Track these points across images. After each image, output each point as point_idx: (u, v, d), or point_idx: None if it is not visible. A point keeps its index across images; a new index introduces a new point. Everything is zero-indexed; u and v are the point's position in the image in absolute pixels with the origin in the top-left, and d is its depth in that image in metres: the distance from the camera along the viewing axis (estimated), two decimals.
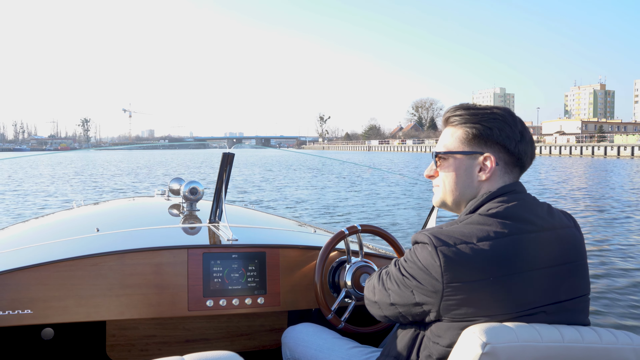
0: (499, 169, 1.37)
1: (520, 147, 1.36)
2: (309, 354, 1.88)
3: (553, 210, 1.37)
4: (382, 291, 1.43)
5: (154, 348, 2.53)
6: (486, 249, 1.22)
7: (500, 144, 1.36)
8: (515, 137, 1.36)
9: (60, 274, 1.95)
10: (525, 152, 1.38)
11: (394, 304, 1.38)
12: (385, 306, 1.42)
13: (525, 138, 1.37)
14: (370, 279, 1.56)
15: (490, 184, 1.37)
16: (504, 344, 1.11)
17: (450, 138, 1.42)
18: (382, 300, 1.43)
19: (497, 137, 1.35)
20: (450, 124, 1.44)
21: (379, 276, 1.48)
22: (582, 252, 1.36)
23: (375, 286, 1.48)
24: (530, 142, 1.39)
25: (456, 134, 1.41)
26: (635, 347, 1.20)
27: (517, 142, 1.36)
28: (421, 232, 1.32)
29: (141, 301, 2.04)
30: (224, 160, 2.40)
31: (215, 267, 2.13)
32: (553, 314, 1.25)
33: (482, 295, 1.21)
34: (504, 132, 1.35)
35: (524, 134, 1.38)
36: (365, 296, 1.55)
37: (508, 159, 1.37)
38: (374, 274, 1.55)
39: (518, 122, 1.38)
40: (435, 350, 1.28)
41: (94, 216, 3.21)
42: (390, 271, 1.41)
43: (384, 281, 1.43)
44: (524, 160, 1.39)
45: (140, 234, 2.37)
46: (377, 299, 1.46)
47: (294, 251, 2.27)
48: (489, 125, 1.36)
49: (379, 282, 1.46)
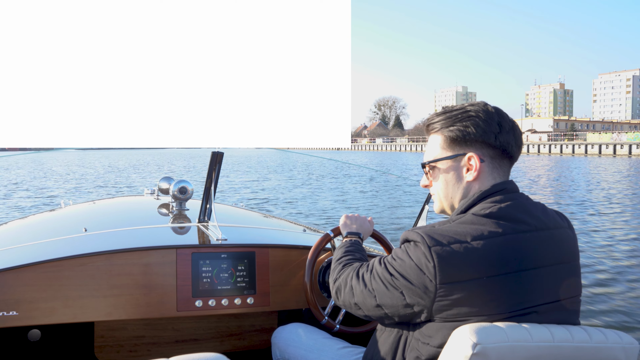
0: (487, 165, 1.36)
1: (502, 138, 1.35)
2: (299, 355, 1.87)
3: (547, 211, 1.36)
4: (364, 292, 1.37)
5: (143, 349, 2.50)
6: (480, 248, 1.21)
7: (479, 140, 1.35)
8: (493, 130, 1.34)
9: (46, 274, 1.92)
10: (508, 142, 1.36)
11: (380, 305, 1.33)
12: (369, 308, 1.37)
13: (504, 128, 1.35)
14: (338, 279, 1.52)
15: (480, 182, 1.36)
16: (495, 344, 1.11)
17: (433, 146, 1.43)
18: (365, 302, 1.37)
19: (475, 134, 1.34)
20: (432, 132, 1.43)
21: (357, 275, 1.43)
22: (575, 252, 1.35)
23: (354, 287, 1.42)
24: (511, 130, 1.37)
25: (437, 140, 1.41)
26: (625, 345, 1.21)
27: (496, 135, 1.34)
28: (413, 230, 1.30)
29: (129, 302, 2.02)
30: (213, 159, 2.38)
31: (204, 267, 2.12)
32: (545, 313, 1.24)
33: (475, 295, 1.19)
34: (479, 128, 1.34)
35: (502, 124, 1.36)
36: (341, 299, 1.49)
37: (493, 153, 1.36)
38: (344, 274, 1.51)
39: (494, 114, 1.36)
40: (424, 351, 1.26)
41: (82, 216, 3.18)
42: (374, 270, 1.36)
43: (367, 281, 1.38)
44: (510, 150, 1.37)
45: (128, 233, 2.35)
46: (357, 300, 1.40)
47: (284, 251, 2.26)
48: (464, 125, 1.35)
49: (359, 282, 1.41)
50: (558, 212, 1.40)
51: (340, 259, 1.64)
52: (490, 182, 1.35)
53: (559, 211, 1.41)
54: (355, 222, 1.93)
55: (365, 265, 1.44)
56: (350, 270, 1.49)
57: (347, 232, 1.88)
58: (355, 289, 1.41)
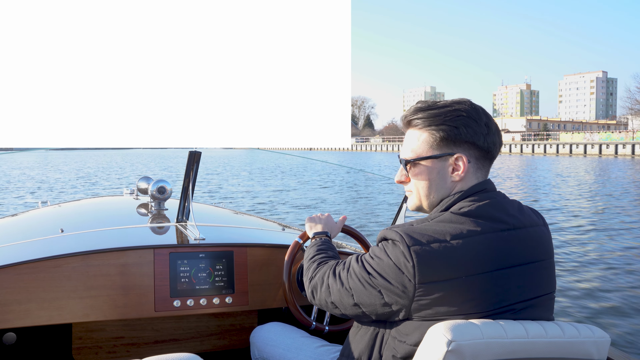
0: (472, 165, 1.34)
1: (489, 140, 1.34)
2: (277, 353, 1.86)
3: (523, 208, 1.37)
4: (341, 291, 1.36)
5: (122, 350, 2.48)
6: (459, 247, 1.20)
7: (469, 141, 1.32)
8: (482, 132, 1.33)
9: (20, 276, 1.89)
10: (494, 143, 1.35)
11: (358, 304, 1.31)
12: (346, 306, 1.36)
13: (491, 129, 1.34)
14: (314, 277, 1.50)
15: (463, 182, 1.34)
16: (469, 340, 1.12)
17: (417, 142, 1.37)
18: (342, 301, 1.36)
19: (465, 135, 1.32)
20: (414, 127, 1.39)
21: (333, 274, 1.41)
22: (550, 250, 1.36)
23: (331, 285, 1.40)
24: (496, 131, 1.36)
25: (422, 137, 1.36)
26: (596, 339, 1.23)
27: (484, 136, 1.33)
28: (391, 228, 1.29)
29: (106, 302, 2.00)
30: (191, 158, 2.37)
31: (182, 267, 2.10)
32: (520, 311, 1.25)
33: (454, 295, 1.19)
34: (470, 128, 1.32)
35: (489, 124, 1.34)
36: (317, 298, 1.48)
37: (479, 154, 1.34)
38: (319, 272, 1.50)
39: (482, 114, 1.34)
40: (401, 349, 1.26)
41: (59, 216, 3.13)
42: (351, 268, 1.35)
43: (344, 280, 1.36)
44: (493, 151, 1.36)
45: (106, 234, 2.33)
46: (334, 299, 1.39)
47: (262, 250, 2.25)
48: (455, 125, 1.32)
49: (335, 281, 1.39)
50: (533, 209, 1.41)
51: (313, 258, 1.63)
52: (472, 181, 1.35)
53: (534, 209, 1.42)
54: (319, 221, 1.92)
55: (342, 264, 1.42)
56: (326, 269, 1.47)
57: (314, 233, 1.87)
58: (332, 287, 1.40)
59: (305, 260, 1.66)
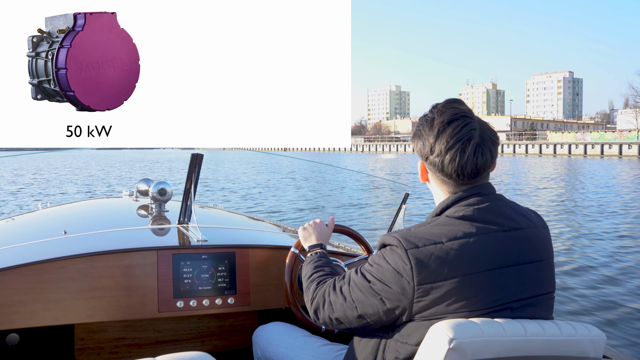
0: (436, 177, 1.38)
1: (438, 161, 1.33)
2: (280, 353, 1.88)
3: (522, 210, 1.39)
4: (344, 305, 1.37)
5: (124, 350, 2.50)
6: (455, 248, 1.24)
7: (425, 159, 1.37)
8: (426, 151, 1.35)
9: (26, 278, 1.91)
10: (453, 166, 1.31)
11: (362, 315, 1.34)
12: (350, 320, 1.37)
13: (444, 147, 1.30)
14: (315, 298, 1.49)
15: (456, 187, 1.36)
16: (470, 338, 1.15)
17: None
18: (346, 315, 1.37)
19: (421, 153, 1.37)
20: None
21: (334, 289, 1.42)
22: (549, 250, 1.38)
23: (333, 302, 1.41)
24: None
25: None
26: (593, 338, 1.26)
27: (429, 156, 1.35)
28: (389, 234, 1.32)
29: (110, 303, 2.02)
30: (193, 161, 2.39)
31: (185, 268, 2.13)
32: (518, 309, 1.28)
33: (452, 294, 1.23)
34: (418, 146, 1.37)
35: (439, 141, 1.32)
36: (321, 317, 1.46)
37: (439, 175, 1.36)
38: (319, 291, 1.49)
39: (436, 128, 1.32)
40: (403, 350, 1.29)
41: (61, 218, 3.15)
42: (352, 281, 1.37)
43: (345, 293, 1.38)
44: (459, 175, 1.32)
45: (108, 235, 2.34)
46: (338, 315, 1.40)
47: (263, 251, 2.28)
48: (415, 140, 1.39)
49: (337, 296, 1.40)
50: (533, 211, 1.43)
51: (311, 277, 1.63)
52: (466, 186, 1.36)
53: (534, 211, 1.44)
54: (313, 231, 1.93)
55: (341, 278, 1.44)
56: (326, 287, 1.48)
57: (308, 246, 1.88)
58: (335, 303, 1.41)
59: (303, 279, 1.67)
